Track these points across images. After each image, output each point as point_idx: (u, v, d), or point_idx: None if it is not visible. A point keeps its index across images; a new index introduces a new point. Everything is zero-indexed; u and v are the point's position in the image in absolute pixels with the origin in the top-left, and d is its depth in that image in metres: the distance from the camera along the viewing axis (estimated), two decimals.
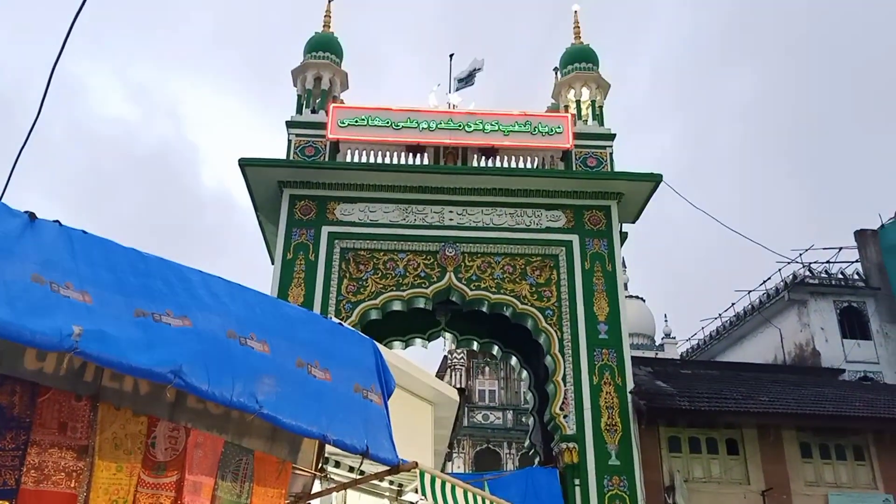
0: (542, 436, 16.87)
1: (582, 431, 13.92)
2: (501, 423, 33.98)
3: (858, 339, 21.34)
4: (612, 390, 14.33)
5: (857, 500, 13.66)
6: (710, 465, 14.22)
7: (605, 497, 13.35)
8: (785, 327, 22.43)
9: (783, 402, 14.73)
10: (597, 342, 14.78)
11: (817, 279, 22.41)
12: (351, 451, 4.94)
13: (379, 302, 14.83)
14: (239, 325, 4.10)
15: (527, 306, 15.00)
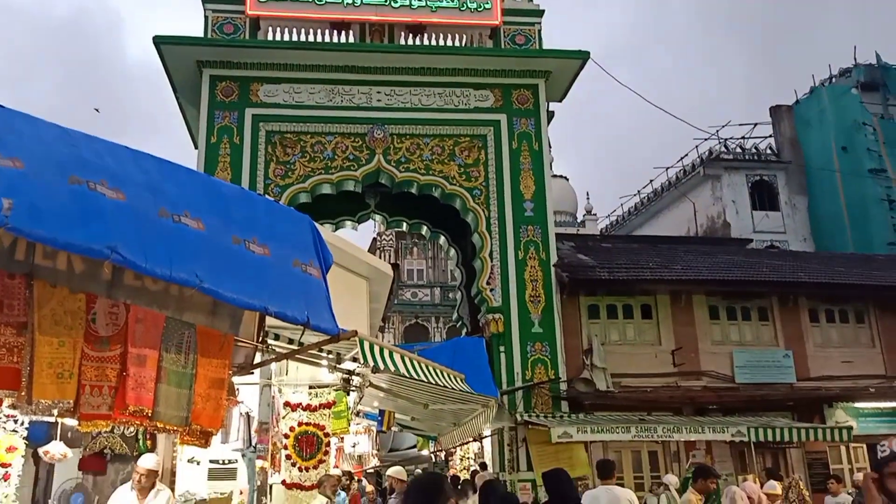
0: (469, 309, 17.59)
1: (507, 303, 14.60)
2: (429, 299, 35.05)
3: (767, 211, 22.71)
4: (537, 264, 14.94)
5: (758, 356, 15.01)
6: (626, 329, 15.26)
7: (528, 362, 14.25)
8: (699, 201, 23.56)
9: (695, 269, 15.72)
10: (523, 219, 15.23)
11: (732, 154, 23.40)
12: (292, 322, 5.10)
13: (308, 185, 14.70)
14: (171, 202, 4.06)
15: (455, 187, 15.19)
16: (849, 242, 21.15)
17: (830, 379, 14.79)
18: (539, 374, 14.27)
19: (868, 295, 15.55)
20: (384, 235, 34.60)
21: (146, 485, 5.36)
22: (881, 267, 17.05)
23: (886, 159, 21.58)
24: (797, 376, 14.81)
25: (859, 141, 21.85)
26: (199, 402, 5.22)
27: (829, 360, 15.14)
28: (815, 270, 16.27)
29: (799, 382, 14.75)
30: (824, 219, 22.35)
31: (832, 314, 15.77)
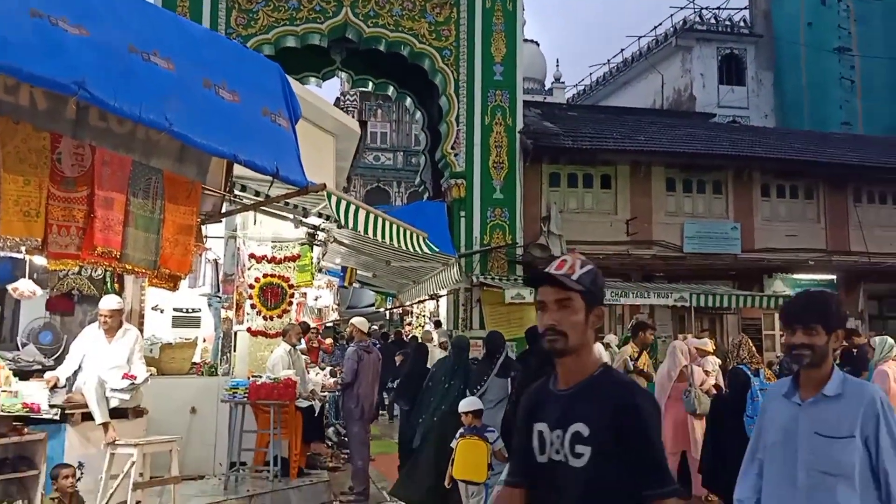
0: (431, 174, 17.65)
1: (471, 168, 14.69)
2: (392, 163, 34.89)
3: (733, 86, 22.72)
4: (503, 130, 14.92)
5: (707, 227, 15.60)
6: (585, 198, 15.60)
7: (487, 227, 14.59)
8: (668, 73, 23.39)
9: (656, 141, 15.92)
10: (491, 83, 15.01)
11: (706, 25, 23.00)
12: (261, 171, 5.12)
13: (272, 37, 14.11)
14: (140, 40, 3.94)
15: (425, 45, 14.76)
16: (807, 120, 21.46)
17: (774, 251, 15.54)
18: (497, 238, 14.64)
19: (820, 172, 16.04)
20: (348, 95, 33.73)
21: (113, 325, 5.53)
22: (837, 145, 17.49)
23: (854, 38, 21.49)
24: (743, 248, 15.52)
25: (828, 17, 21.58)
26: (167, 246, 5.34)
27: (774, 233, 15.83)
28: (771, 146, 16.61)
29: (744, 254, 15.48)
30: (787, 95, 22.50)
31: (783, 189, 16.32)
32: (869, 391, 2.37)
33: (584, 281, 1.87)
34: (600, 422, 1.78)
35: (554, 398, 1.91)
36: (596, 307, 1.90)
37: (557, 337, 1.85)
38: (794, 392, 2.45)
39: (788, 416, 2.44)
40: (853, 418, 2.30)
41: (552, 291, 1.87)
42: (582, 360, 1.88)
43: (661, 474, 1.77)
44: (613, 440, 1.75)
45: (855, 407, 2.31)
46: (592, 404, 1.81)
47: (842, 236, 16.11)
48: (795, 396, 2.44)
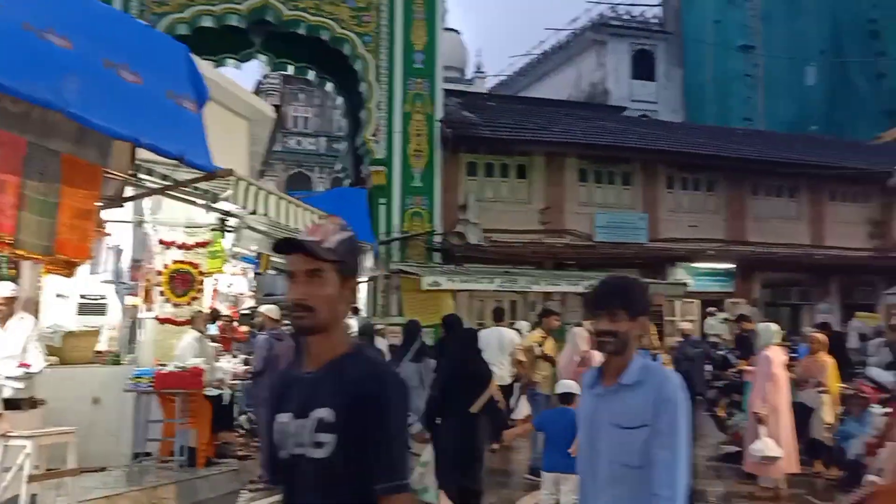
0: (352, 160, 17.58)
1: (391, 156, 14.73)
2: (314, 148, 34.45)
3: (645, 81, 23.56)
4: (423, 118, 15.02)
5: (617, 217, 16.20)
6: (501, 187, 15.92)
7: (406, 214, 14.69)
8: (584, 66, 24.02)
9: (571, 133, 16.37)
10: (412, 71, 15.06)
11: (620, 21, 23.71)
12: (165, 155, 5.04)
13: (188, 16, 13.67)
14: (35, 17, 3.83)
15: (346, 31, 14.65)
16: (711, 115, 22.47)
17: (677, 241, 16.30)
18: (416, 226, 14.77)
19: (721, 165, 16.88)
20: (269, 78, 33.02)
21: (6, 313, 5.33)
22: (739, 140, 18.40)
23: (759, 36, 22.59)
24: (649, 237, 16.20)
25: (735, 15, 22.62)
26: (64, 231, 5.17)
27: (678, 223, 16.59)
28: (677, 140, 17.37)
29: (650, 243, 16.17)
30: (694, 91, 23.49)
31: (687, 182, 17.11)
32: (662, 376, 2.29)
33: (338, 250, 1.64)
34: (344, 406, 1.59)
35: (299, 382, 1.70)
36: (350, 279, 1.69)
37: (304, 314, 1.62)
38: (598, 382, 2.35)
39: (591, 408, 2.34)
40: (647, 405, 2.20)
41: (302, 260, 1.63)
42: (332, 339, 1.67)
43: (393, 466, 1.60)
44: (356, 427, 1.58)
45: (650, 395, 2.21)
46: (337, 387, 1.62)
47: (740, 227, 17.05)
48: (598, 387, 2.34)
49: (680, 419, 2.18)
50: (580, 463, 2.39)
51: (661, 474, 2.17)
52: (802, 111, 22.00)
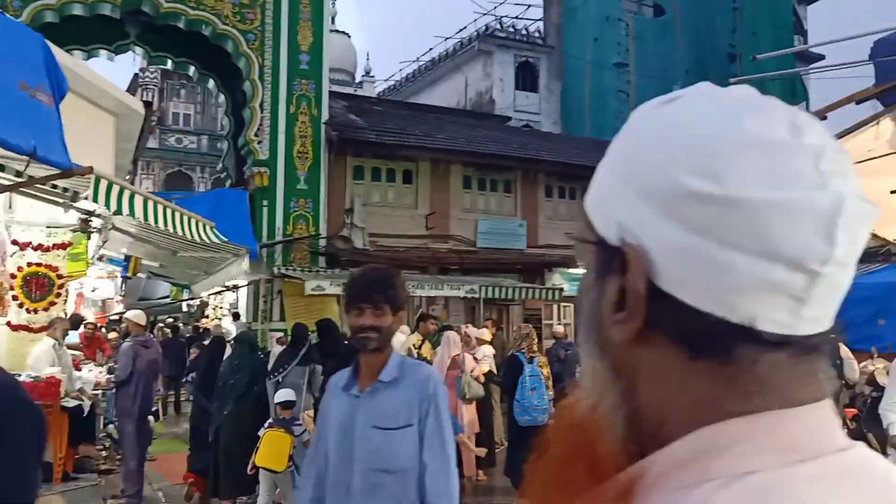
0: (235, 160, 17.11)
1: (274, 157, 14.47)
2: (196, 147, 33.19)
3: (528, 92, 24.35)
4: (308, 120, 14.85)
5: (499, 224, 16.66)
6: (387, 191, 15.99)
7: (290, 217, 14.47)
8: (471, 75, 24.52)
9: (456, 140, 16.69)
10: (297, 72, 14.87)
11: (505, 33, 24.40)
12: (15, 150, 4.76)
13: (55, 2, 12.84)
14: None
15: (228, 27, 14.26)
16: (588, 128, 23.53)
17: (554, 247, 16.96)
18: (300, 229, 14.57)
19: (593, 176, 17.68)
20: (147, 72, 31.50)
21: None
22: None
23: (632, 54, 23.90)
24: (528, 244, 16.78)
25: (611, 34, 23.83)
26: None
27: (555, 230, 17.26)
28: (555, 150, 18.08)
29: (529, 249, 16.74)
30: (572, 104, 24.51)
31: (563, 190, 17.86)
32: (425, 372, 2.22)
33: None
34: None
35: None
36: None
37: None
38: (354, 383, 2.21)
39: (346, 412, 2.17)
40: (411, 404, 2.12)
41: None
42: None
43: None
44: None
45: (412, 391, 2.12)
46: None
47: None
48: (354, 388, 2.19)
49: (445, 418, 2.13)
50: (332, 474, 2.18)
51: (433, 481, 2.07)
52: None
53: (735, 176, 0.47)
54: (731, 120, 0.50)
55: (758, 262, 0.47)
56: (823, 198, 0.47)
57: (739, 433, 0.48)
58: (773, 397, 0.49)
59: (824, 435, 0.50)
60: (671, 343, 0.51)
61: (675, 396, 0.51)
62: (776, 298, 0.48)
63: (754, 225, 0.47)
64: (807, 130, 0.49)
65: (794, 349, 0.50)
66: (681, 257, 0.49)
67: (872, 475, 0.50)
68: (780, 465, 0.47)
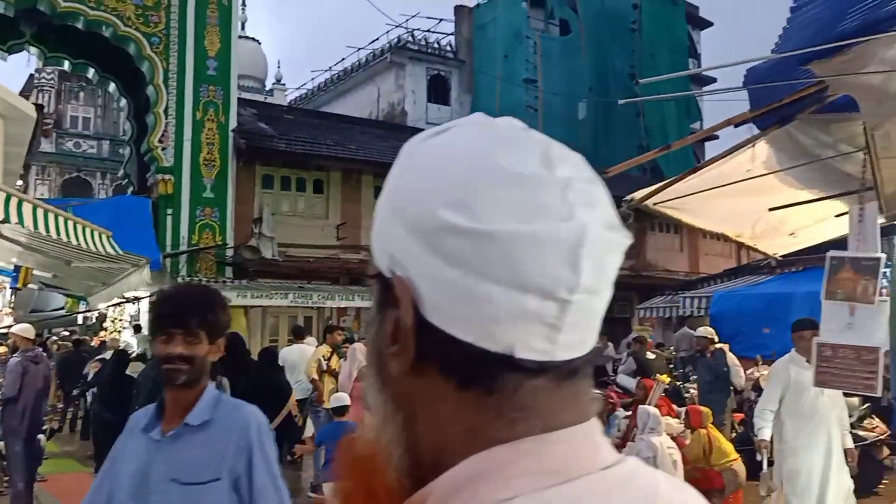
0: (137, 167, 16.54)
1: (179, 164, 14.09)
2: (96, 152, 31.77)
3: (440, 105, 24.68)
4: (215, 127, 14.55)
5: None
6: (298, 201, 15.83)
7: (196, 226, 14.10)
8: (384, 86, 24.62)
9: (367, 151, 16.71)
10: (204, 78, 14.54)
11: (417, 46, 24.65)
12: None
13: None
14: None
15: (130, 29, 13.81)
16: None
17: None
18: (206, 238, 14.23)
19: None
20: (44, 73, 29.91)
21: None
22: None
23: (540, 71, 24.64)
24: None
25: (520, 51, 24.52)
26: None
27: None
28: None
29: None
30: None
31: None
32: (244, 415, 1.84)
33: None
34: None
35: None
36: None
37: None
38: (156, 424, 1.82)
39: (143, 458, 1.78)
40: (221, 454, 1.75)
41: None
42: None
43: None
44: None
45: (224, 438, 1.77)
46: None
47: None
48: (156, 430, 1.80)
49: (275, 467, 1.81)
50: None
51: None
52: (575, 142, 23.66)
53: (487, 209, 0.49)
54: (486, 153, 0.51)
55: (512, 293, 0.49)
56: (567, 229, 0.49)
57: (504, 459, 0.50)
58: (535, 422, 0.51)
59: (588, 455, 0.52)
60: (442, 374, 0.52)
61: (448, 426, 0.52)
62: (532, 327, 0.50)
63: (506, 257, 0.48)
64: (558, 163, 0.52)
65: (554, 374, 0.52)
66: (443, 290, 0.50)
67: (636, 489, 0.52)
68: (541, 487, 0.49)
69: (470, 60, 25.00)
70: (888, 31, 3.18)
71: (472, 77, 24.94)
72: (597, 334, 0.55)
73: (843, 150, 4.69)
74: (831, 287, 4.31)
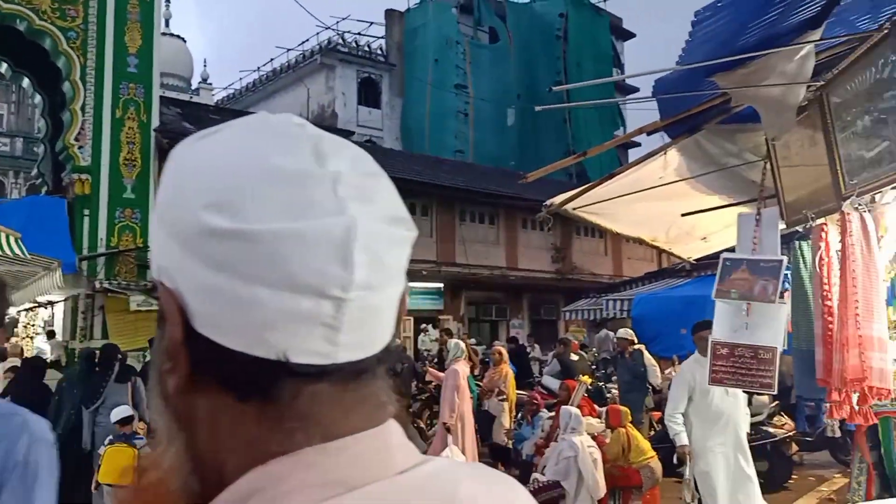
0: (52, 166, 15.84)
1: (97, 163, 13.57)
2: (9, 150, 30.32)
3: (371, 108, 24.61)
4: (136, 126, 14.08)
5: None
6: None
7: (115, 227, 13.61)
8: (314, 88, 24.39)
9: None
10: (125, 75, 14.06)
11: (347, 48, 24.54)
12: None
13: None
14: None
15: (46, 23, 13.23)
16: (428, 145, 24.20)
17: None
18: (126, 241, 13.74)
19: (434, 193, 18.28)
20: None
21: None
22: (449, 170, 20.11)
23: (469, 77, 24.91)
24: None
25: (450, 57, 24.73)
26: None
27: None
28: (396, 166, 18.37)
29: None
30: (412, 122, 25.10)
31: None
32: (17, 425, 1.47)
33: None
34: None
35: None
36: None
37: None
38: None
39: None
40: None
41: None
42: None
43: None
44: None
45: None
46: None
47: (449, 250, 18.56)
48: None
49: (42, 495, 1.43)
50: None
51: None
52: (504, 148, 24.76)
53: (251, 209, 0.46)
54: (252, 151, 0.49)
55: (282, 295, 0.46)
56: (337, 224, 0.47)
57: (282, 472, 0.47)
58: (315, 431, 0.48)
59: (379, 460, 0.49)
60: (219, 387, 0.49)
61: (229, 442, 0.49)
62: (309, 329, 0.47)
63: (272, 258, 0.46)
64: (332, 157, 0.49)
65: (337, 377, 0.49)
66: (210, 297, 0.47)
67: (433, 492, 0.50)
68: (321, 499, 0.46)
69: (401, 64, 25.03)
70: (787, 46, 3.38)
71: (402, 81, 24.96)
72: (389, 332, 0.52)
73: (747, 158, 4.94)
74: (724, 286, 4.50)
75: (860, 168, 3.63)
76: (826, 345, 3.45)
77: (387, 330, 0.52)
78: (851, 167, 3.71)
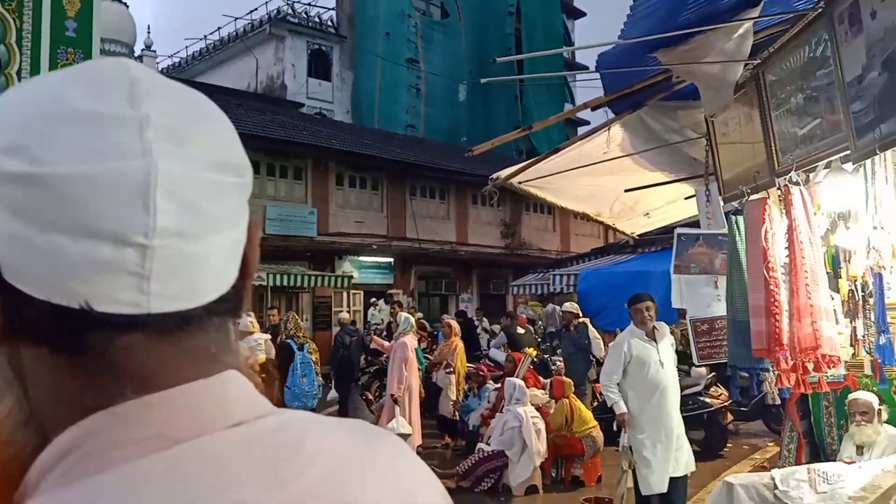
0: None
1: None
2: None
3: (321, 80, 24.23)
4: None
5: (288, 211, 16.43)
6: None
7: None
8: (262, 59, 23.85)
9: (242, 124, 16.12)
10: (63, 39, 13.22)
11: (297, 19, 24.03)
12: None
13: None
14: None
15: None
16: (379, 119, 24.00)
17: (344, 235, 17.14)
18: None
19: (385, 167, 18.19)
20: None
21: None
22: (400, 145, 19.99)
23: (421, 52, 24.74)
24: (318, 231, 16.77)
25: (402, 31, 24.48)
26: None
27: (346, 219, 17.46)
28: (347, 140, 18.25)
29: (319, 237, 16.75)
30: (364, 95, 24.81)
31: (354, 180, 18.10)
32: None
33: None
34: None
35: None
36: None
37: None
38: None
39: None
40: None
41: None
42: None
43: None
44: None
45: None
46: None
47: (400, 224, 18.54)
48: None
49: None
50: None
51: None
52: (455, 123, 24.74)
53: (46, 152, 0.44)
54: (56, 95, 0.47)
55: (82, 242, 0.44)
56: (136, 167, 0.44)
57: (98, 428, 0.45)
58: (130, 384, 0.46)
59: (208, 413, 0.47)
60: (34, 340, 0.47)
61: (50, 396, 0.47)
62: (112, 277, 0.44)
63: (66, 203, 0.44)
64: (146, 100, 0.47)
65: (154, 329, 0.47)
66: (10, 245, 0.45)
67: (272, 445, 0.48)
68: (139, 455, 0.44)
69: (352, 37, 24.67)
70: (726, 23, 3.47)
71: (354, 53, 24.63)
72: (224, 282, 0.50)
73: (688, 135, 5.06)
74: (683, 262, 4.63)
75: (793, 145, 3.76)
76: (770, 315, 3.46)
77: (217, 280, 0.49)
78: (785, 144, 3.84)
